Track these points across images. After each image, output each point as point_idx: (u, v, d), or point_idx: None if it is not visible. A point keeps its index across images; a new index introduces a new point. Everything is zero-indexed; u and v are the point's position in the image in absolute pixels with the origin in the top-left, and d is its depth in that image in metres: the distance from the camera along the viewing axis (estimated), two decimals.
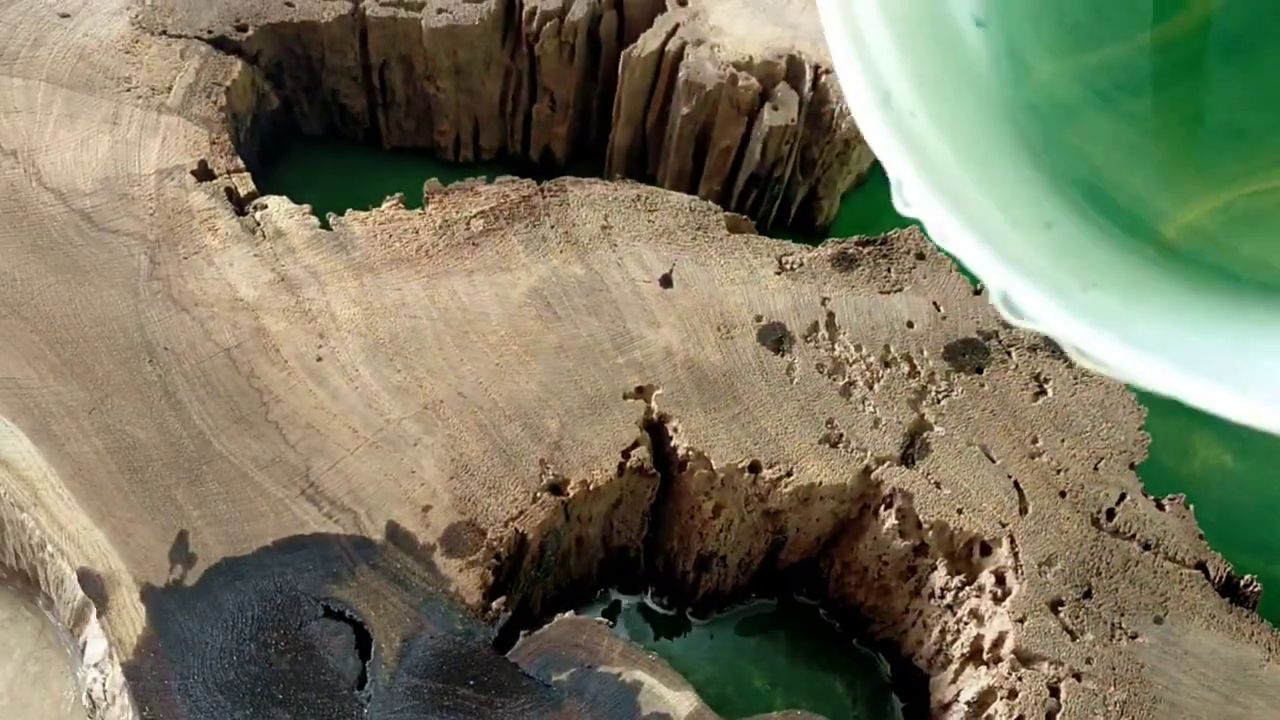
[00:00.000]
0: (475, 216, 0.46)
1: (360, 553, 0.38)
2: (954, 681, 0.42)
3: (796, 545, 0.45)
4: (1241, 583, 0.41)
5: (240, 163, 0.47)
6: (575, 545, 0.44)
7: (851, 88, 0.23)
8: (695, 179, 0.55)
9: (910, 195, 0.23)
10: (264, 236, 0.44)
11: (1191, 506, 0.43)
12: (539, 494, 0.40)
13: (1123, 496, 0.42)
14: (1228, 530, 0.51)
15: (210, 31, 0.51)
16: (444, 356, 0.42)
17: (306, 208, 0.45)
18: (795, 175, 0.55)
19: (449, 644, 0.37)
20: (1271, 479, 0.52)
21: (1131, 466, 0.43)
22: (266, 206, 0.45)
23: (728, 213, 0.48)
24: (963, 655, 0.41)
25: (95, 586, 0.37)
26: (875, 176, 0.61)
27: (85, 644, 0.41)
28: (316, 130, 0.57)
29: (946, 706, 0.42)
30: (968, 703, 0.39)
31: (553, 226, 0.46)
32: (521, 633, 0.38)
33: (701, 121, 0.52)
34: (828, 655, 0.47)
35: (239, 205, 0.46)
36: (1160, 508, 0.42)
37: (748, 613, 0.48)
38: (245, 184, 0.46)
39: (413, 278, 0.44)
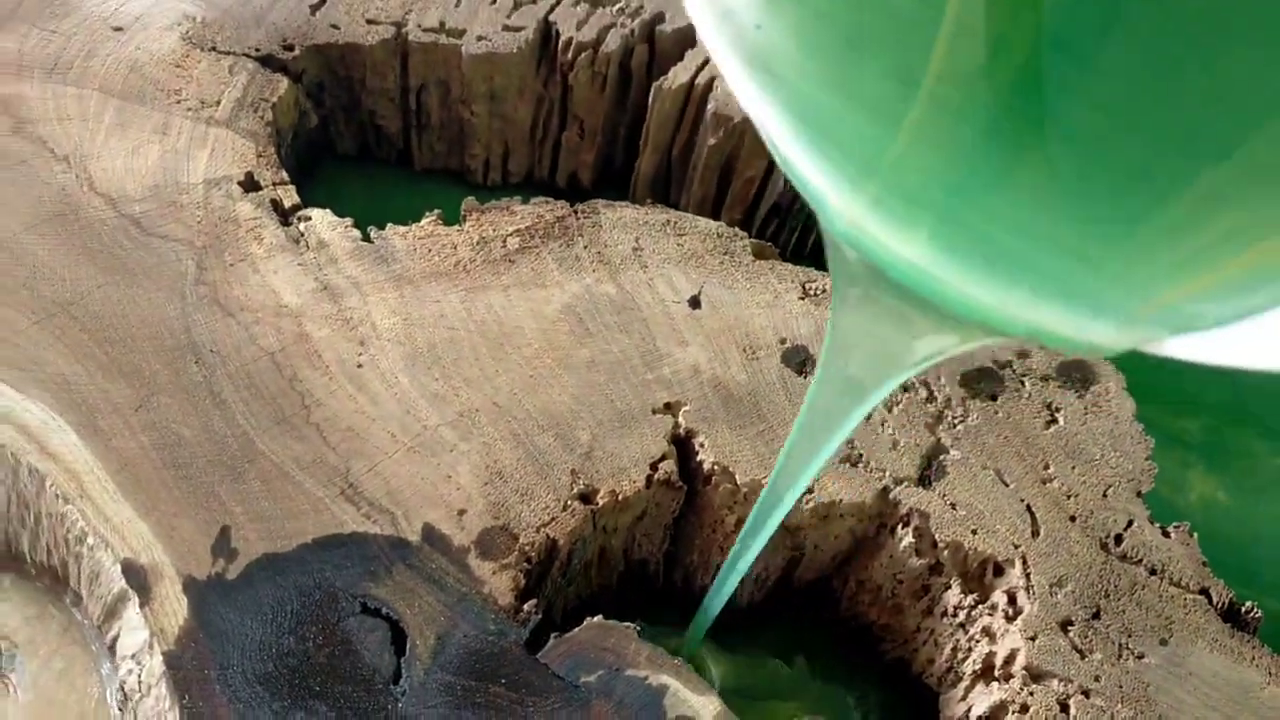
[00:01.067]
0: (511, 235, 0.47)
1: (397, 553, 0.39)
2: (964, 698, 0.43)
3: (813, 562, 0.46)
4: (1243, 609, 0.43)
5: (285, 175, 0.48)
6: (598, 557, 0.45)
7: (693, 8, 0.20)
8: (718, 207, 0.57)
9: (753, 113, 0.20)
10: (307, 247, 0.46)
11: (1195, 535, 0.44)
12: (569, 502, 0.41)
13: (1130, 523, 0.44)
14: (1220, 561, 0.53)
15: (258, 49, 0.52)
16: (480, 367, 0.44)
17: (349, 220, 0.47)
18: None
19: (482, 643, 0.38)
20: (1261, 515, 0.54)
21: (1138, 494, 0.45)
22: (310, 218, 0.47)
23: (753, 239, 0.50)
24: (974, 672, 0.42)
25: (139, 577, 0.38)
26: None
27: (118, 637, 0.42)
28: (350, 149, 0.59)
29: None
30: (980, 717, 0.41)
31: (586, 246, 0.48)
32: (552, 635, 0.39)
33: (727, 152, 0.54)
34: (841, 673, 0.49)
35: (284, 216, 0.47)
36: (1166, 535, 0.44)
37: (761, 632, 0.49)
38: (290, 196, 0.48)
39: (451, 291, 0.45)
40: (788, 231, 0.57)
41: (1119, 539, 0.43)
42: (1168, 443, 0.56)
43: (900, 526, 0.44)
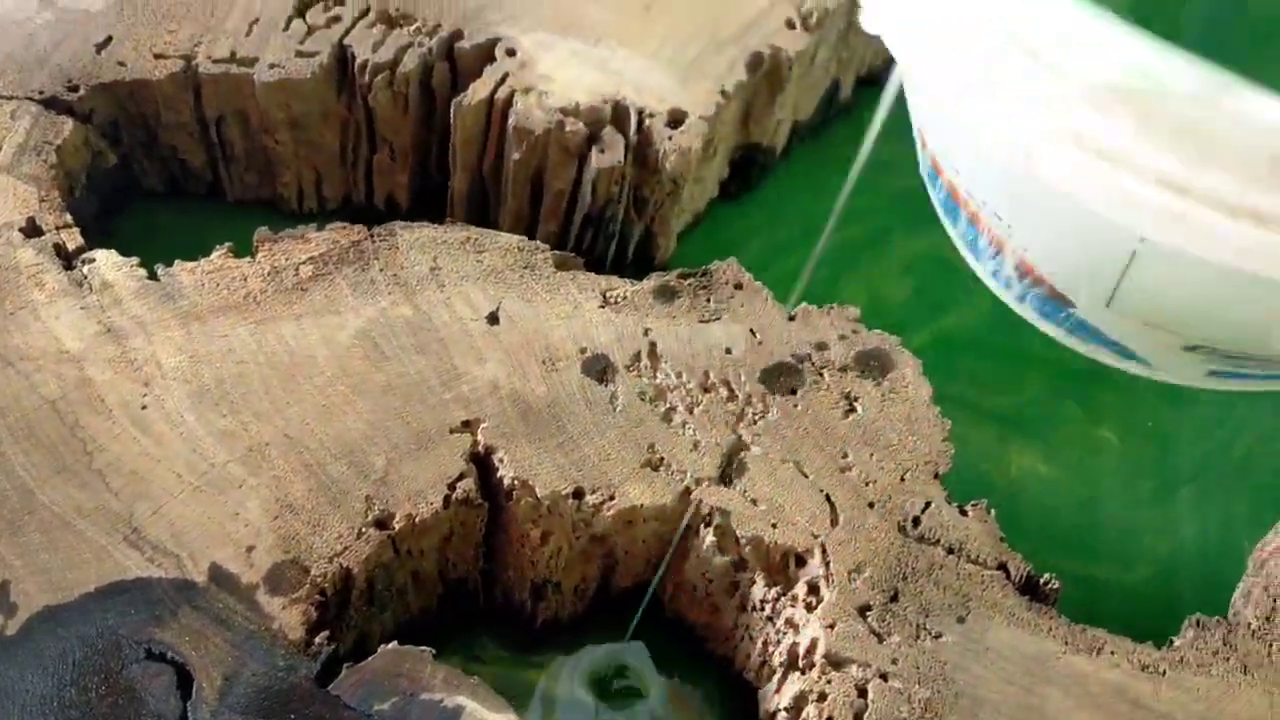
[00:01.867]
0: (305, 262, 0.47)
1: (183, 595, 0.39)
2: (778, 691, 0.44)
3: (628, 568, 0.46)
4: (1041, 581, 0.44)
5: (69, 218, 0.47)
6: (412, 580, 0.45)
7: None
8: (534, 221, 0.57)
9: None
10: (91, 289, 0.45)
11: (993, 511, 0.45)
12: (364, 529, 0.41)
13: (928, 505, 0.45)
14: (1043, 530, 0.54)
15: (41, 92, 0.51)
16: (270, 400, 0.43)
17: (134, 260, 0.46)
18: (629, 215, 0.57)
19: (270, 680, 0.37)
20: (1077, 484, 0.56)
21: (936, 476, 0.46)
22: (94, 260, 0.46)
23: (555, 251, 0.50)
24: (782, 663, 0.43)
25: None
26: (711, 215, 0.63)
27: None
28: (158, 186, 0.58)
29: (773, 716, 0.43)
30: (784, 708, 0.41)
31: (381, 270, 0.47)
32: (344, 665, 0.38)
33: (534, 166, 0.54)
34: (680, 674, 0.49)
35: (68, 260, 0.46)
36: (963, 514, 0.45)
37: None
38: (74, 239, 0.47)
39: (240, 324, 0.45)
40: (604, 241, 0.57)
41: (917, 521, 0.44)
42: (988, 420, 0.57)
43: (703, 526, 0.44)
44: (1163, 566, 0.54)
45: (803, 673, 0.41)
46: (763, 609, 0.44)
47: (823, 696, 0.40)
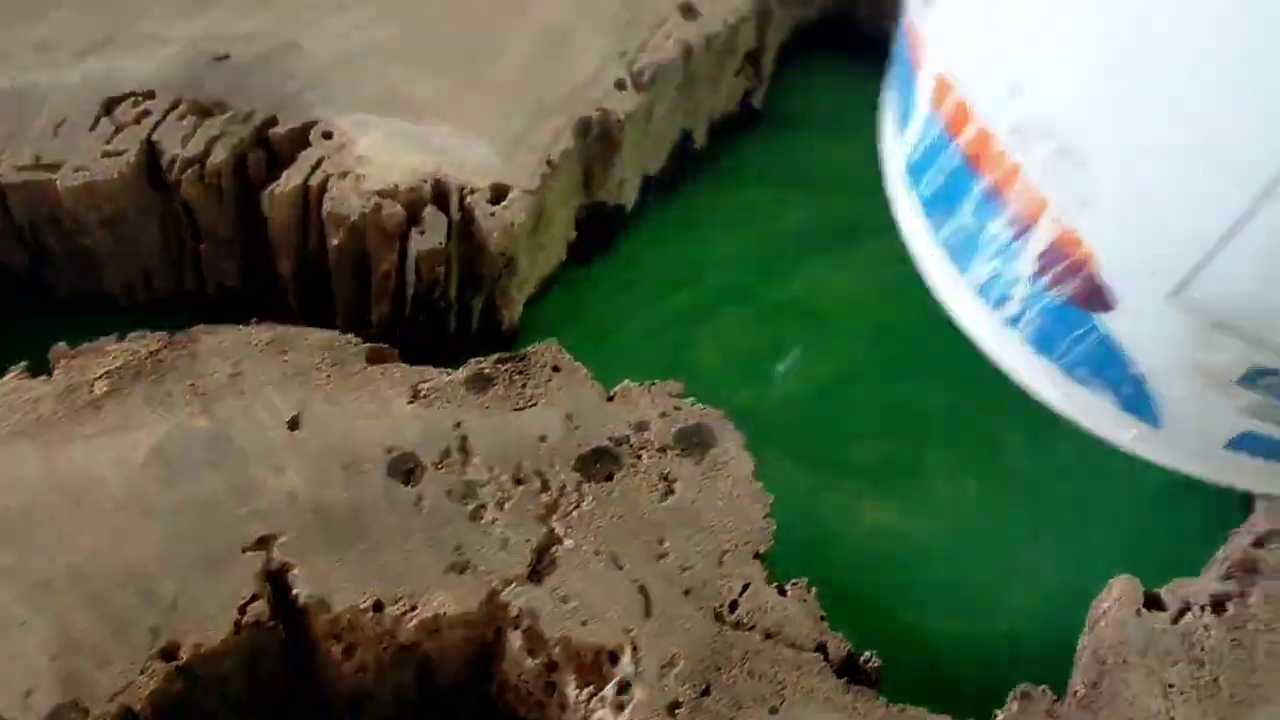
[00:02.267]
0: (100, 378, 0.46)
1: None
2: None
3: (446, 672, 0.45)
4: (861, 660, 0.43)
5: None
6: (221, 702, 0.43)
7: None
8: (366, 303, 0.56)
9: None
10: None
11: (814, 590, 0.44)
12: (149, 663, 0.40)
13: (746, 587, 0.44)
14: (897, 583, 0.53)
15: None
16: (56, 530, 0.42)
17: None
18: (465, 290, 0.56)
19: None
20: (935, 536, 0.55)
21: (756, 556, 0.44)
22: None
23: (369, 344, 0.49)
24: None
25: None
26: (562, 278, 0.62)
27: None
28: None
29: None
30: None
31: (179, 380, 0.46)
32: None
33: (355, 250, 0.53)
34: None
35: None
36: (783, 593, 0.44)
37: None
38: None
39: (30, 450, 0.44)
40: (440, 317, 0.56)
41: (734, 606, 0.43)
42: (837, 474, 0.56)
43: (512, 628, 0.43)
44: (1020, 620, 0.52)
45: None
46: (578, 710, 0.43)
47: None
